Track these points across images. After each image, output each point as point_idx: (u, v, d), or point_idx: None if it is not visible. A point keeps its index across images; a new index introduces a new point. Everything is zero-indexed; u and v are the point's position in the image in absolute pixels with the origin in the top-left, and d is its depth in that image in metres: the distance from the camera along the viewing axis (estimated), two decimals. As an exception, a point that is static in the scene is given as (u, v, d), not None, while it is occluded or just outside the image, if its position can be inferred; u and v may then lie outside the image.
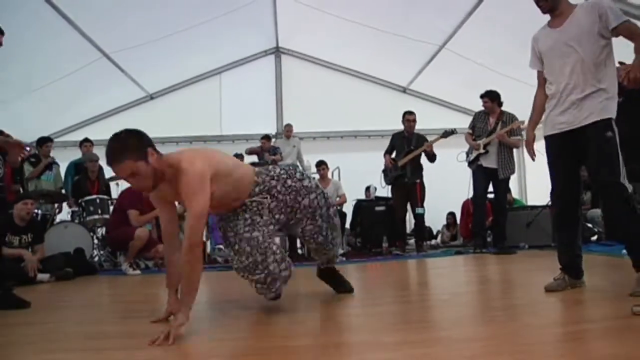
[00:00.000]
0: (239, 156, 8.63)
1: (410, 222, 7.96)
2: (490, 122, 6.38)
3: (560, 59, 2.87)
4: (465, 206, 8.66)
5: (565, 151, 2.91)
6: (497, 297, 3.11)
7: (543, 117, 3.08)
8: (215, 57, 10.24)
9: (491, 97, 6.36)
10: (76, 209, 6.69)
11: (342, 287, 3.19)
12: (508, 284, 3.79)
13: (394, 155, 7.29)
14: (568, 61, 2.83)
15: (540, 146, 3.01)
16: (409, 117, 7.17)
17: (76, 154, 7.82)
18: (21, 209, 5.08)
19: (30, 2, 6.30)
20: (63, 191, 7.15)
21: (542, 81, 3.07)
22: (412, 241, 7.73)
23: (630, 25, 2.69)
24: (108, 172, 7.50)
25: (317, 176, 8.17)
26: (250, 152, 8.98)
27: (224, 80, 10.84)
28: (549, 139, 2.99)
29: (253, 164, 8.58)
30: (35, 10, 6.43)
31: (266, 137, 8.97)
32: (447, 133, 6.99)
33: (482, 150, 6.29)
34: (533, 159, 3.32)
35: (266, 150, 8.89)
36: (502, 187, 6.39)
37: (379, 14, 8.34)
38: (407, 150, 7.08)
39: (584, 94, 2.77)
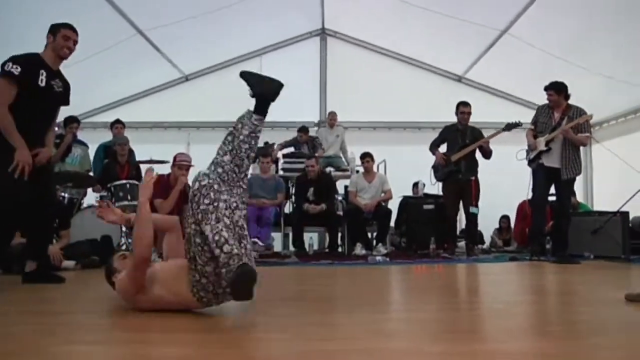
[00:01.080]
0: (269, 145, 8.65)
1: (460, 222, 7.82)
2: (555, 117, 6.16)
3: None
4: (521, 208, 8.46)
5: None
6: (557, 310, 2.99)
7: None
8: (255, 38, 10.27)
9: (557, 89, 6.11)
10: (104, 193, 6.80)
11: None
12: (569, 296, 3.64)
13: (444, 149, 7.17)
14: None
15: (610, 145, 2.86)
16: (463, 109, 7.02)
17: (106, 136, 7.94)
18: None
19: (61, -27, 6.42)
20: (91, 174, 7.25)
21: None
22: (462, 244, 7.59)
23: None
24: (139, 156, 7.60)
25: (361, 169, 8.12)
26: (283, 146, 8.95)
27: (264, 63, 10.85)
28: None
29: (291, 154, 8.67)
30: (65, -18, 6.54)
31: (303, 130, 8.94)
32: (510, 125, 6.78)
33: (543, 148, 6.08)
34: None
35: (303, 142, 8.86)
36: (566, 189, 6.17)
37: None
38: (461, 144, 6.95)
39: None
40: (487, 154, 6.92)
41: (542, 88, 6.32)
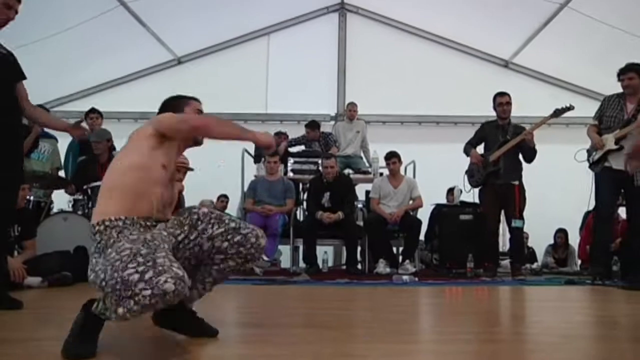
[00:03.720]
0: (282, 134, 8.66)
1: (504, 236, 7.76)
2: (628, 109, 6.04)
3: None
4: (590, 220, 8.34)
5: None
6: (630, 350, 2.89)
7: None
8: (262, 14, 10.31)
9: (639, 73, 6.01)
10: (79, 197, 6.82)
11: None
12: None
13: (481, 150, 7.14)
14: None
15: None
16: (500, 100, 7.00)
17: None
18: None
19: None
20: (61, 173, 7.27)
21: None
22: (506, 262, 7.51)
23: None
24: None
25: (385, 171, 8.08)
26: (291, 145, 8.92)
27: (272, 44, 10.92)
28: None
29: (302, 153, 8.66)
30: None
31: (311, 125, 8.92)
32: (560, 111, 6.70)
33: (613, 147, 5.97)
34: None
35: (313, 140, 8.84)
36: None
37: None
38: (501, 141, 6.89)
39: None
40: (527, 154, 6.83)
41: (608, 74, 6.23)
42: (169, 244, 2.37)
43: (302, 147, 8.96)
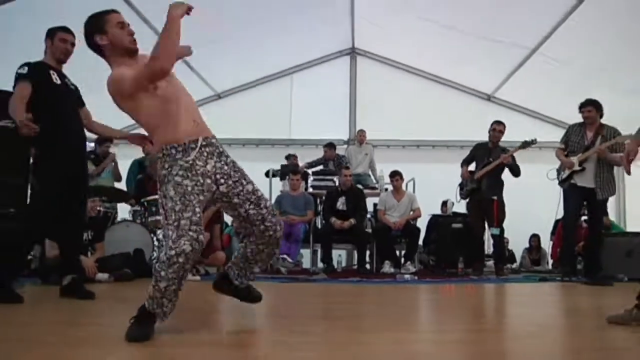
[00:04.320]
0: (292, 155, 8.71)
1: (489, 241, 7.72)
2: (588, 136, 6.01)
3: None
4: (560, 228, 8.28)
5: None
6: (594, 336, 2.85)
7: None
8: (287, 56, 10.32)
9: (596, 106, 5.96)
10: (138, 208, 6.89)
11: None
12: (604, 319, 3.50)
13: (473, 167, 7.11)
14: None
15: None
16: (496, 127, 7.00)
17: (140, 152, 8.02)
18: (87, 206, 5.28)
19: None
20: (122, 186, 7.41)
21: None
22: (491, 263, 7.46)
23: None
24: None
25: (390, 187, 8.07)
26: (310, 165, 8.96)
27: (295, 81, 10.93)
28: None
29: (320, 171, 8.67)
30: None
31: (330, 145, 8.95)
32: (526, 143, 6.76)
33: (577, 168, 5.94)
34: (628, 173, 3.13)
35: (329, 159, 8.85)
36: (599, 209, 6.03)
37: (464, 14, 8.10)
38: (486, 162, 6.89)
39: None
40: (514, 170, 6.83)
41: (572, 107, 6.20)
42: (203, 194, 2.44)
43: (321, 167, 8.96)
